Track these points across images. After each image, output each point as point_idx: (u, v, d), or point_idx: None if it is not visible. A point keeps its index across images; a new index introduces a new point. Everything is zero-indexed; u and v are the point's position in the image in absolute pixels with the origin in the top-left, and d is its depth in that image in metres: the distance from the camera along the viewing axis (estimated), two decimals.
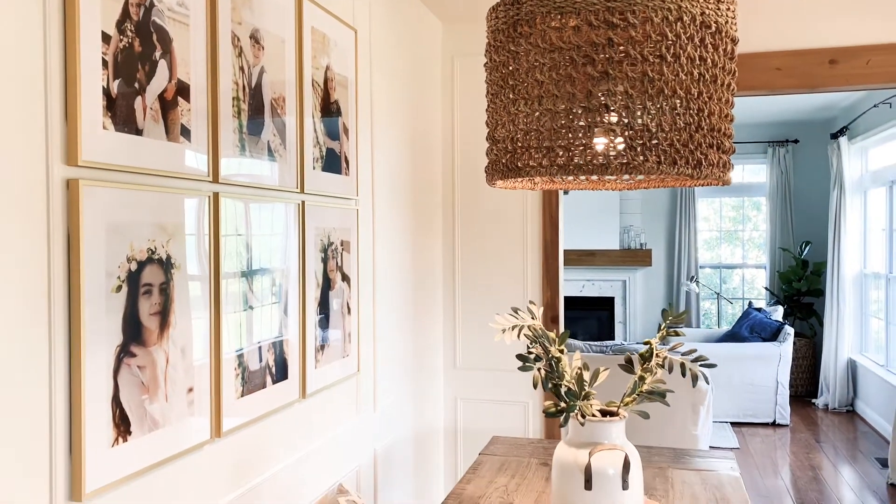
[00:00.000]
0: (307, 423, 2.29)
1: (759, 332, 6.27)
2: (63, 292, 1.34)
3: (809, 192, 7.68)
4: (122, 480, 1.47)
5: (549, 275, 3.64)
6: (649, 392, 1.69)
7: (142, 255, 1.52)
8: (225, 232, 1.81)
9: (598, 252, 8.03)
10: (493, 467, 2.46)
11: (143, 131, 1.52)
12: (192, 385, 1.69)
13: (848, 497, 4.32)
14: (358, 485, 2.67)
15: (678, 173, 1.55)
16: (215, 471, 1.80)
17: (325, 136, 2.35)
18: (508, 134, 1.64)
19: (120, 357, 1.46)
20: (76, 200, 1.35)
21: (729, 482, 2.31)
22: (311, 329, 2.27)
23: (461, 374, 3.68)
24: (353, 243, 2.58)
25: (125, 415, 1.48)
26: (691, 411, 4.64)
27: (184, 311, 1.66)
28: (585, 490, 1.65)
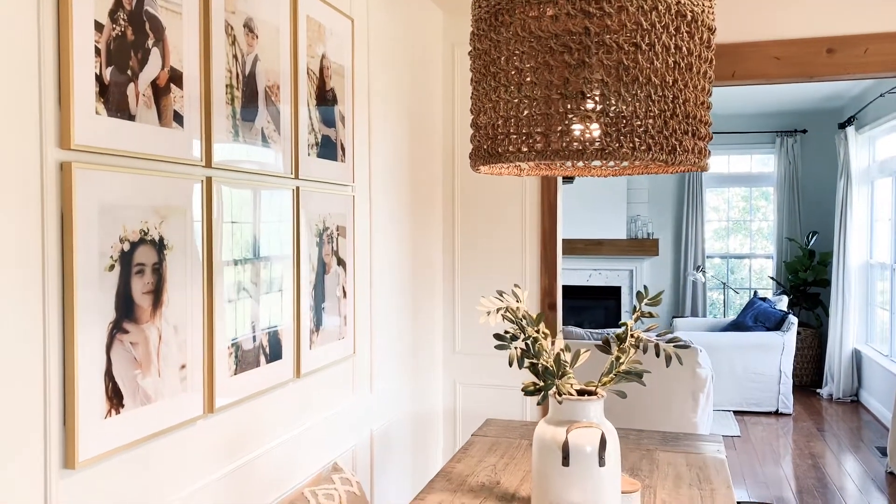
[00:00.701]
0: (302, 402, 2.35)
1: (763, 322, 6.28)
2: (57, 270, 1.41)
3: (817, 183, 7.66)
4: (115, 451, 1.54)
5: (548, 262, 3.69)
6: (626, 372, 1.73)
7: (134, 235, 1.59)
8: (218, 215, 1.87)
9: (606, 241, 8.05)
10: (483, 448, 2.52)
11: (136, 117, 1.58)
12: (184, 362, 1.76)
13: (846, 485, 4.35)
14: (354, 464, 2.74)
15: (653, 159, 1.59)
16: (209, 445, 1.87)
17: (320, 123, 2.40)
18: (490, 120, 1.68)
19: (113, 333, 1.53)
20: (69, 182, 1.41)
21: (713, 464, 2.35)
22: (306, 311, 2.33)
23: (460, 359, 3.74)
24: (349, 229, 2.64)
25: (118, 388, 1.54)
26: (691, 398, 4.68)
27: (177, 291, 1.72)
28: (563, 466, 1.70)
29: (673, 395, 4.71)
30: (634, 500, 1.89)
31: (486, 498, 2.06)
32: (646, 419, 4.71)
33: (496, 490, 2.12)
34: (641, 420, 4.68)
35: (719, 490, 2.12)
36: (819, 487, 4.31)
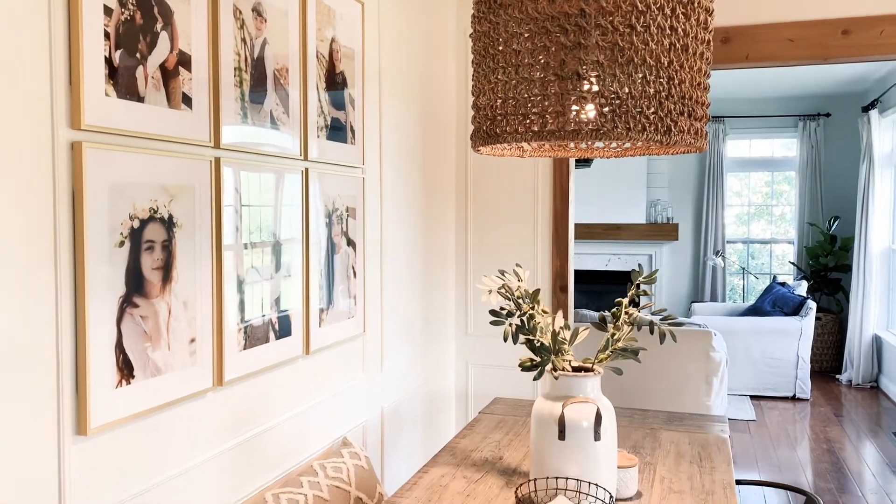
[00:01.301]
0: (312, 378, 2.42)
1: (781, 307, 6.25)
2: (69, 246, 1.47)
3: (840, 167, 7.57)
4: (126, 419, 1.60)
5: (559, 245, 3.71)
6: (622, 349, 1.77)
7: (144, 213, 1.65)
8: (227, 195, 1.93)
9: (625, 226, 8.04)
10: (490, 424, 2.57)
11: (145, 99, 1.64)
12: (194, 336, 1.82)
13: (861, 469, 4.34)
14: (364, 440, 2.80)
15: (648, 140, 1.61)
16: (218, 417, 1.94)
17: (329, 106, 2.45)
18: (489, 102, 1.71)
19: (123, 307, 1.59)
20: (80, 161, 1.47)
21: (715, 442, 2.38)
22: (315, 290, 2.39)
23: (473, 341, 3.79)
24: (358, 210, 2.69)
25: (128, 360, 1.61)
26: (704, 382, 4.68)
27: (186, 267, 1.78)
28: (559, 440, 1.74)
29: (687, 378, 4.72)
30: (631, 474, 1.92)
31: (489, 472, 2.11)
32: (659, 403, 4.73)
33: (498, 465, 2.17)
34: (655, 403, 4.70)
35: (719, 467, 2.16)
36: (833, 472, 4.31)
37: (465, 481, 2.03)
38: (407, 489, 1.98)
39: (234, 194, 1.96)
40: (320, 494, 2.14)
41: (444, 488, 1.98)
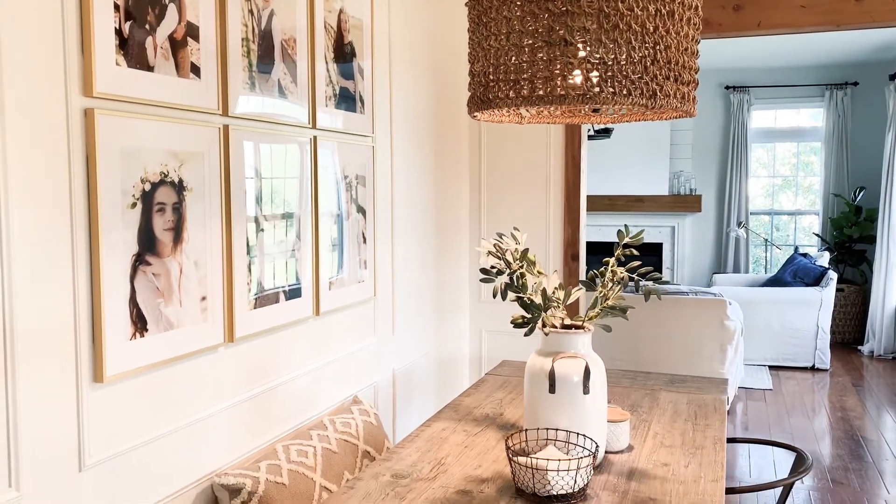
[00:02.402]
0: (322, 339, 2.52)
1: (802, 278, 6.24)
2: (83, 206, 1.58)
3: (867, 137, 7.47)
4: (140, 369, 1.72)
5: (571, 213, 3.77)
6: (611, 307, 1.84)
7: (155, 177, 1.75)
8: (235, 161, 2.02)
9: (647, 198, 8.02)
10: (494, 385, 2.66)
11: (154, 68, 1.73)
12: (205, 294, 1.93)
13: (875, 437, 4.37)
14: (375, 399, 2.91)
15: (633, 104, 1.67)
16: (230, 372, 2.05)
17: (338, 75, 2.52)
18: (483, 68, 1.77)
19: (136, 265, 1.70)
20: (92, 127, 1.57)
21: (713, 403, 2.44)
22: (325, 254, 2.48)
23: (486, 308, 3.87)
24: (368, 178, 2.77)
25: (142, 314, 1.72)
26: (718, 350, 4.73)
27: (196, 229, 1.88)
28: (550, 393, 1.82)
29: (701, 346, 4.76)
30: (623, 428, 2.00)
31: (488, 427, 2.20)
32: (672, 370, 4.79)
33: (498, 420, 2.26)
34: (668, 370, 4.76)
35: (713, 425, 2.22)
36: (846, 439, 4.34)
37: (464, 434, 2.13)
38: (409, 441, 2.08)
39: (242, 161, 2.06)
40: (329, 447, 2.25)
41: (444, 440, 2.08)
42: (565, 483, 1.65)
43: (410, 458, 1.94)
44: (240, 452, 2.10)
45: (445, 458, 1.94)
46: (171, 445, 1.84)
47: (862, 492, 3.60)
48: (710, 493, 1.73)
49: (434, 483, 1.78)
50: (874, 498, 3.53)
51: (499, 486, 1.76)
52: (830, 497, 3.54)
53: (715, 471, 1.86)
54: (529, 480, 1.66)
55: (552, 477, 1.64)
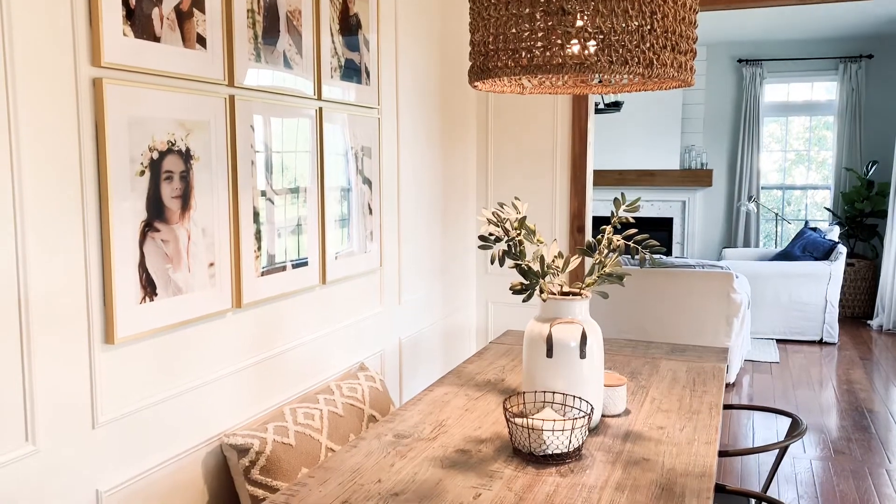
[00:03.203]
0: (328, 307, 2.58)
1: (811, 252, 6.23)
2: (93, 174, 1.63)
3: (881, 110, 7.40)
4: (150, 332, 1.78)
5: (577, 186, 3.79)
6: (608, 274, 1.87)
7: (162, 146, 1.79)
8: (241, 130, 2.06)
9: (658, 172, 8.01)
10: (497, 353, 2.71)
11: (161, 39, 1.77)
12: (213, 261, 1.98)
13: (879, 409, 4.39)
14: (382, 367, 2.97)
15: (630, 72, 1.69)
16: (238, 336, 2.11)
17: (343, 47, 2.55)
18: (482, 38, 1.80)
19: (145, 231, 1.75)
20: (101, 96, 1.62)
21: (712, 371, 2.48)
22: (330, 223, 2.53)
23: (493, 279, 3.92)
24: (374, 149, 2.80)
25: (151, 279, 1.78)
26: (725, 323, 4.75)
27: (203, 197, 1.93)
28: (547, 358, 1.87)
29: (707, 319, 4.79)
30: (620, 393, 2.05)
31: (489, 392, 2.25)
32: (678, 342, 4.82)
33: (499, 386, 2.31)
34: (674, 342, 4.80)
35: (710, 392, 2.26)
36: (850, 411, 4.38)
37: (466, 398, 2.18)
38: (412, 404, 2.14)
39: (248, 130, 2.10)
40: (335, 410, 2.31)
41: (445, 403, 2.13)
42: (560, 443, 1.70)
43: (412, 420, 2.00)
44: (248, 414, 2.16)
45: (446, 420, 2.00)
46: (181, 406, 1.90)
47: (863, 461, 3.64)
48: (702, 454, 1.78)
49: (434, 443, 1.84)
50: (875, 467, 3.57)
51: (497, 446, 1.82)
52: (832, 466, 3.59)
53: (709, 434, 1.91)
54: (526, 440, 1.72)
55: (548, 437, 1.69)
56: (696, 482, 1.62)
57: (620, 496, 1.55)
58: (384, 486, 1.59)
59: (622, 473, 1.66)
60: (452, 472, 1.67)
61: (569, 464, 1.71)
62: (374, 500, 1.53)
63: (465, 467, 1.69)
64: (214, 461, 2.03)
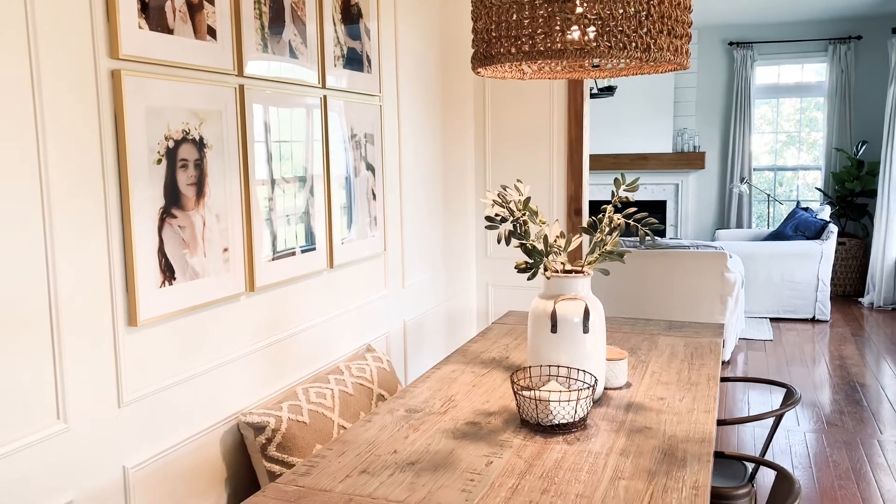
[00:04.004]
0: (336, 290, 2.65)
1: (803, 232, 6.33)
2: (113, 162, 1.69)
3: (869, 91, 7.48)
4: (170, 315, 1.85)
5: (574, 170, 3.86)
6: (609, 252, 1.95)
7: (178, 135, 1.85)
8: (251, 119, 2.12)
9: (651, 156, 8.08)
10: (501, 332, 2.79)
11: (174, 31, 1.83)
12: (227, 246, 2.05)
13: (870, 383, 4.50)
14: (388, 348, 3.05)
15: (628, 57, 1.76)
16: (252, 318, 2.18)
17: (346, 36, 2.61)
18: (485, 25, 1.86)
19: (163, 217, 1.82)
20: (119, 87, 1.68)
21: (709, 345, 2.57)
22: (337, 209, 2.60)
23: (492, 263, 3.99)
24: (376, 136, 2.87)
25: (170, 264, 1.84)
26: (719, 301, 4.85)
27: (217, 184, 2.00)
28: (552, 333, 1.95)
29: (702, 298, 4.88)
30: (621, 366, 2.13)
31: (494, 368, 2.33)
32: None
33: (504, 363, 2.39)
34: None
35: (708, 365, 2.35)
36: (843, 385, 4.48)
37: (472, 375, 2.26)
38: (420, 381, 2.21)
39: (257, 118, 2.16)
40: (345, 390, 2.39)
41: (453, 380, 2.21)
42: (566, 413, 1.78)
43: (423, 396, 2.07)
44: (263, 394, 2.24)
45: (455, 396, 2.07)
46: (199, 386, 1.98)
47: (855, 433, 3.75)
48: (702, 422, 1.86)
49: (445, 416, 1.91)
50: (867, 438, 3.67)
51: (505, 418, 1.89)
52: (825, 438, 3.69)
53: (707, 403, 1.99)
54: (533, 411, 1.79)
55: (554, 407, 1.77)
56: (697, 447, 1.70)
57: (625, 461, 1.63)
58: (400, 457, 1.67)
59: (626, 441, 1.75)
60: (464, 442, 1.75)
61: (575, 433, 1.79)
62: (391, 469, 1.61)
63: (475, 438, 1.77)
64: (232, 439, 2.10)
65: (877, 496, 3.06)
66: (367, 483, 1.54)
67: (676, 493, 1.47)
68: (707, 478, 1.54)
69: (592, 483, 1.52)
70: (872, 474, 3.27)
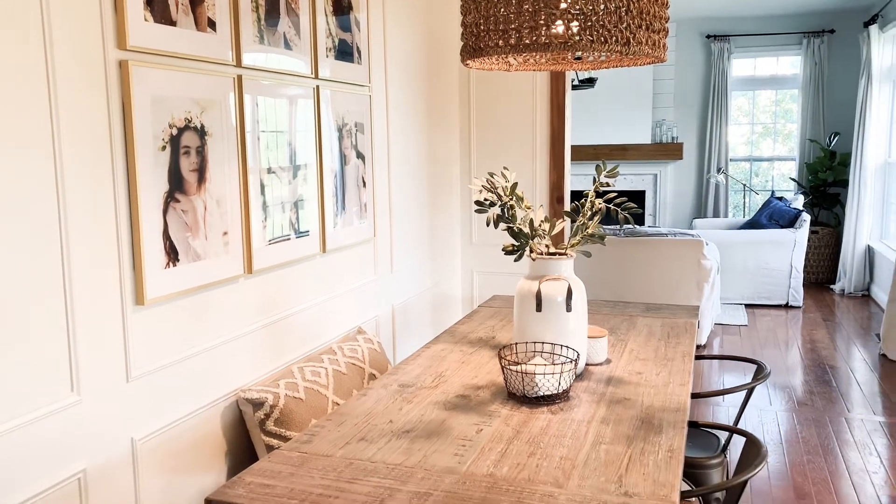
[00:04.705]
0: (328, 274, 2.74)
1: (777, 220, 6.50)
2: (121, 149, 1.77)
3: (842, 83, 7.67)
4: (175, 294, 1.94)
5: (556, 159, 3.98)
6: (591, 235, 2.06)
7: (180, 122, 1.94)
8: (248, 108, 2.21)
9: (630, 147, 8.23)
10: (487, 315, 2.90)
11: (177, 23, 1.91)
12: (226, 230, 2.14)
13: (839, 365, 4.67)
14: (377, 330, 3.15)
15: (609, 50, 1.87)
16: (249, 300, 2.27)
17: (336, 28, 2.70)
18: (474, 19, 1.96)
19: (167, 201, 1.91)
20: (127, 77, 1.76)
21: (684, 326, 2.70)
22: (329, 196, 2.69)
23: (477, 250, 4.10)
24: (366, 125, 2.96)
25: (173, 246, 1.93)
26: (696, 287, 5.00)
27: (217, 170, 2.08)
28: (537, 312, 2.06)
29: (679, 284, 5.03)
30: (602, 344, 2.25)
31: (482, 347, 2.44)
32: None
33: (491, 342, 2.50)
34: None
35: (683, 343, 2.48)
36: (813, 367, 4.65)
37: (461, 353, 2.37)
38: (411, 359, 2.32)
39: (254, 107, 2.25)
40: (339, 369, 2.49)
41: (443, 358, 2.32)
42: (551, 385, 1.89)
43: (414, 372, 2.18)
44: (260, 372, 2.33)
45: (445, 372, 2.18)
46: (201, 364, 2.07)
47: (824, 412, 3.91)
48: (677, 393, 1.98)
49: (436, 390, 2.02)
50: (835, 416, 3.84)
51: (493, 392, 2.01)
52: (795, 416, 3.85)
53: (682, 377, 2.12)
54: (519, 384, 1.91)
55: (539, 380, 1.88)
56: (673, 416, 1.82)
57: (606, 428, 1.75)
58: (396, 426, 1.78)
59: (606, 410, 1.87)
60: (455, 412, 1.86)
61: (558, 404, 1.91)
62: (387, 436, 1.71)
63: (466, 409, 1.88)
64: (232, 414, 2.20)
65: (843, 469, 3.22)
66: (365, 449, 1.65)
67: (653, 456, 1.59)
68: (681, 442, 1.66)
69: (575, 447, 1.64)
70: (839, 450, 3.43)
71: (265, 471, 1.54)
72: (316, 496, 1.43)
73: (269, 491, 1.45)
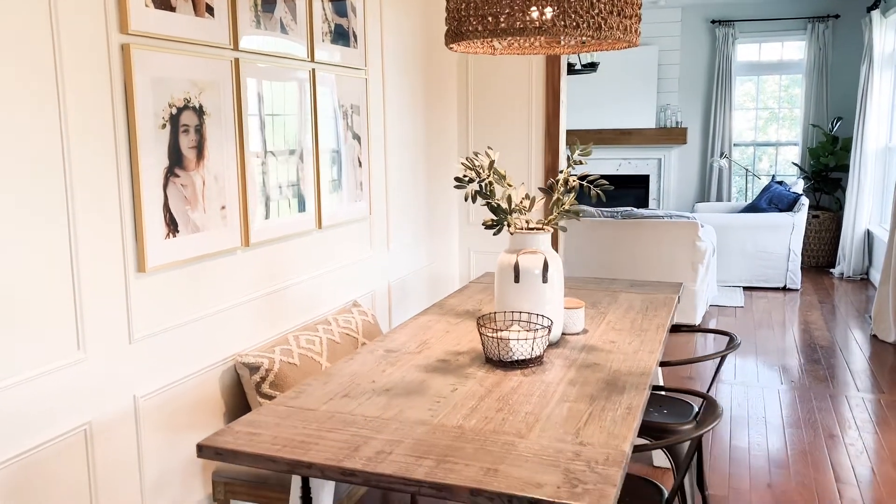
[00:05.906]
0: (324, 249, 2.88)
1: (777, 204, 6.58)
2: (124, 127, 1.91)
3: (846, 69, 7.70)
4: (175, 263, 2.08)
5: (551, 142, 4.08)
6: (566, 210, 2.18)
7: (180, 102, 2.07)
8: (245, 89, 2.34)
9: (634, 131, 8.30)
10: (477, 290, 3.03)
11: (176, 8, 2.04)
12: (224, 204, 2.27)
13: (830, 346, 4.77)
14: (373, 305, 3.29)
15: (581, 35, 1.98)
16: (247, 271, 2.41)
17: (333, 13, 2.82)
18: (456, 5, 2.08)
19: (167, 176, 2.04)
20: (129, 59, 1.89)
21: (664, 300, 2.81)
22: (325, 173, 2.82)
23: (474, 230, 4.23)
24: (362, 107, 3.08)
25: (173, 218, 2.07)
26: (690, 269, 5.10)
27: (215, 148, 2.22)
28: (515, 283, 2.18)
29: (674, 265, 5.14)
30: (579, 314, 2.37)
31: (467, 319, 2.57)
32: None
33: (476, 314, 2.63)
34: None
35: (660, 315, 2.59)
36: (804, 346, 4.75)
37: (447, 324, 2.50)
38: (400, 328, 2.45)
39: (251, 89, 2.37)
40: (333, 338, 2.63)
41: (429, 327, 2.45)
42: (525, 350, 2.02)
43: (400, 339, 2.32)
44: (257, 340, 2.47)
45: (430, 340, 2.32)
46: (201, 329, 2.21)
47: (810, 389, 4.02)
48: (645, 360, 2.11)
49: (419, 356, 2.16)
50: (821, 392, 3.95)
51: (472, 357, 2.14)
52: (781, 394, 3.96)
53: (653, 346, 2.24)
54: (495, 349, 2.04)
55: (514, 345, 2.01)
56: (636, 379, 1.95)
57: (572, 388, 1.88)
58: (377, 385, 1.91)
59: (576, 373, 1.99)
60: (434, 374, 1.99)
61: (532, 367, 2.04)
62: (369, 394, 1.85)
63: (444, 371, 2.02)
64: (229, 377, 2.34)
65: (822, 442, 3.33)
66: (347, 404, 1.78)
67: (612, 412, 1.72)
68: (640, 401, 1.79)
69: (541, 404, 1.77)
70: (820, 423, 3.54)
71: (253, 421, 1.68)
72: (298, 442, 1.57)
73: (255, 438, 1.59)
